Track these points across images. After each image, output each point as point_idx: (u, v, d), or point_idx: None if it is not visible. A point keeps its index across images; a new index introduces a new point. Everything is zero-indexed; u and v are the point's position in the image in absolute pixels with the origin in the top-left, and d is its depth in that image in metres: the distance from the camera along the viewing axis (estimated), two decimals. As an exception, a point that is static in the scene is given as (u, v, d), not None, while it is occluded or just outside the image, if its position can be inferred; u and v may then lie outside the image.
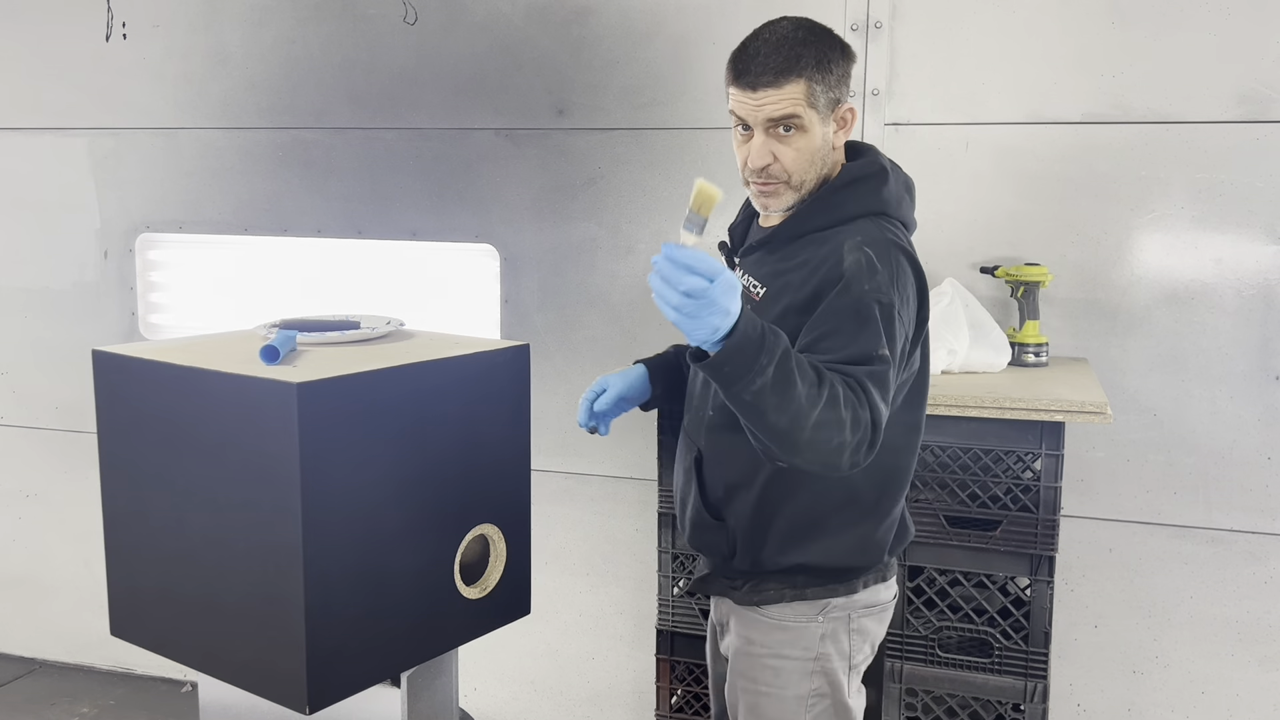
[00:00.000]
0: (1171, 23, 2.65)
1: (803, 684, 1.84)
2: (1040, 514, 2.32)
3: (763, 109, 1.69)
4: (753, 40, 1.73)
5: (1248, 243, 2.66)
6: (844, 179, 1.78)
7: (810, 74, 1.68)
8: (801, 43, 1.69)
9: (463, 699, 3.32)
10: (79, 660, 3.83)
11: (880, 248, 1.69)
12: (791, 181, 1.74)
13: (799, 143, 1.71)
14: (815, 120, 1.71)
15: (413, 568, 1.53)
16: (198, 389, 1.46)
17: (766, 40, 1.71)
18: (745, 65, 1.70)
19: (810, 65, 1.68)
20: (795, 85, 1.68)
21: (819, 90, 1.70)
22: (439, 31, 3.18)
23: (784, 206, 1.78)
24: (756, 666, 1.86)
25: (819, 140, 1.73)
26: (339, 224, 3.35)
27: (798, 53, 1.68)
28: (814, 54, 1.69)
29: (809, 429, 1.49)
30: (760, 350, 1.46)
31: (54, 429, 3.72)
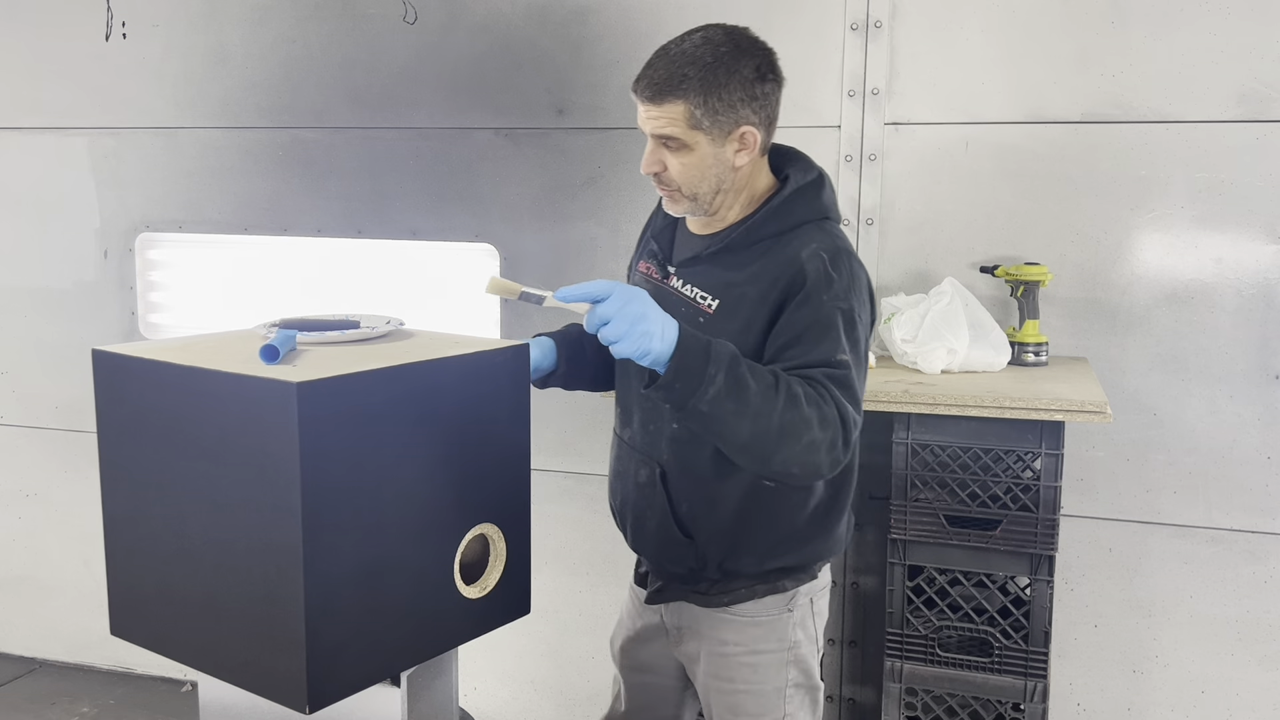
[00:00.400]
0: (1171, 23, 2.65)
1: (780, 675, 1.87)
2: (1040, 513, 2.32)
3: (648, 123, 1.72)
4: (661, 48, 1.73)
5: (1248, 242, 2.66)
6: (791, 187, 1.79)
7: (692, 98, 1.68)
8: (694, 61, 1.68)
9: (463, 699, 3.32)
10: (79, 660, 3.83)
11: (834, 255, 1.71)
12: (684, 191, 1.76)
13: (684, 158, 1.72)
14: (702, 140, 1.71)
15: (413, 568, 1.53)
16: (198, 389, 1.46)
17: (665, 52, 1.72)
18: (639, 74, 1.73)
19: (694, 89, 1.67)
20: (674, 107, 1.69)
21: (700, 115, 1.68)
22: (439, 31, 3.18)
23: (684, 212, 1.80)
24: (732, 666, 1.87)
25: (709, 159, 1.72)
26: (339, 224, 3.35)
27: (684, 73, 1.67)
28: (703, 76, 1.67)
29: (775, 433, 1.52)
30: (707, 359, 1.49)
31: (54, 429, 3.72)
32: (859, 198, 2.89)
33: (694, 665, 1.94)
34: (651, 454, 1.86)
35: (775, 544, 1.83)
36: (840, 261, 1.70)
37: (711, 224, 1.83)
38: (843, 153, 2.89)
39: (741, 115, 1.71)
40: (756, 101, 1.72)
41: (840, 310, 1.66)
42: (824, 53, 2.88)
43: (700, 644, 1.91)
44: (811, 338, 1.64)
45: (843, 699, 3.07)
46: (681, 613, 1.93)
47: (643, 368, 1.56)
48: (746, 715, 1.87)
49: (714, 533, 1.82)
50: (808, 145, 2.90)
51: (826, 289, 1.66)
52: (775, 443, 1.53)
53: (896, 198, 2.87)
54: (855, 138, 2.88)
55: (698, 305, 1.79)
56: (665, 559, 1.88)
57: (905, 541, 2.43)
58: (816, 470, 1.58)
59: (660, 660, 2.02)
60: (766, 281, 1.71)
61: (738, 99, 1.70)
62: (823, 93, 2.90)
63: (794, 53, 2.91)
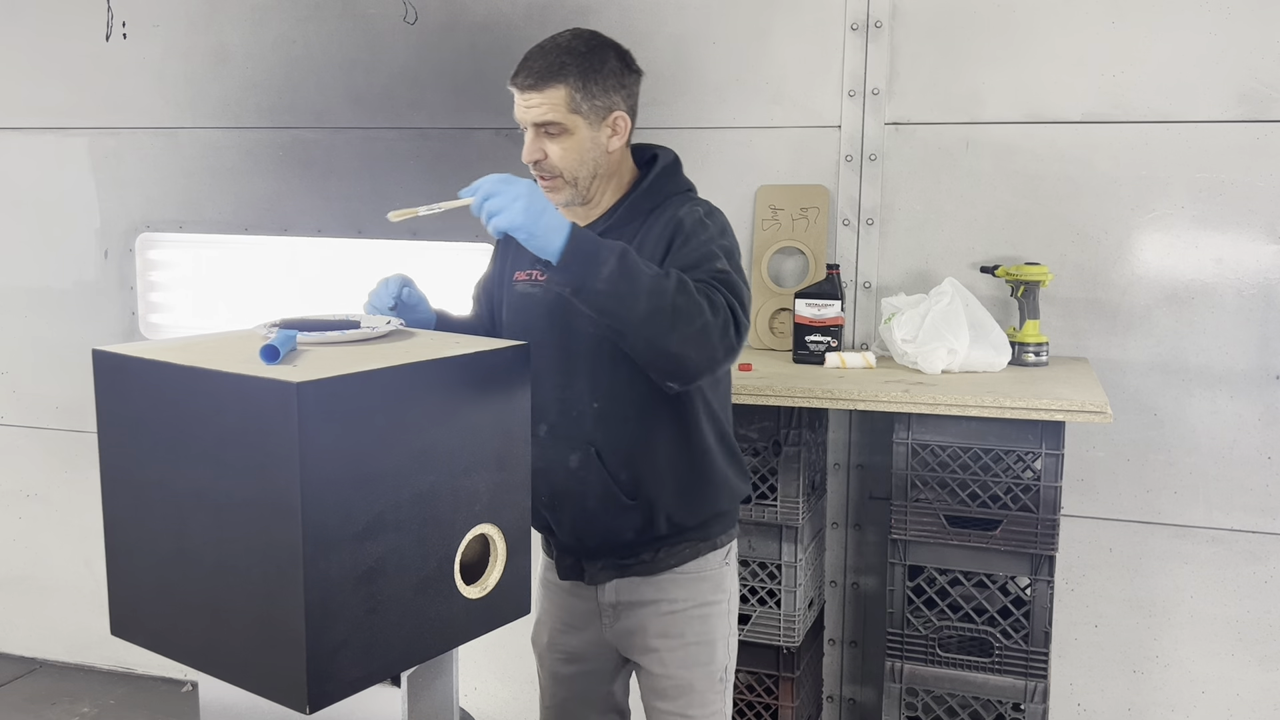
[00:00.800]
0: (1171, 22, 2.65)
1: (724, 624, 2.03)
2: (1040, 513, 2.32)
3: (529, 111, 1.84)
4: (534, 47, 1.88)
5: (1248, 242, 2.66)
6: (655, 173, 1.94)
7: (572, 82, 1.82)
8: (569, 51, 1.84)
9: (463, 699, 3.32)
10: (79, 660, 3.83)
11: (708, 211, 1.88)
12: (565, 177, 1.87)
13: (565, 143, 1.85)
14: (581, 125, 1.84)
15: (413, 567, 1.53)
16: (198, 389, 1.46)
17: (541, 47, 1.86)
18: (516, 69, 1.86)
19: (573, 74, 1.82)
20: (555, 92, 1.82)
21: (580, 98, 1.83)
22: (439, 31, 3.18)
23: (564, 200, 1.90)
24: (682, 621, 1.99)
25: (587, 143, 1.86)
26: (339, 224, 3.35)
27: (562, 61, 1.82)
28: (580, 64, 1.83)
29: (670, 311, 1.62)
30: (598, 246, 1.61)
31: (54, 429, 3.72)
32: (859, 198, 2.89)
33: (633, 637, 2.02)
34: (579, 438, 1.91)
35: (706, 485, 1.94)
36: (714, 215, 1.88)
37: (587, 215, 1.94)
38: (843, 153, 2.89)
39: (614, 101, 1.87)
40: (625, 89, 1.89)
41: (720, 247, 1.80)
42: (824, 53, 2.88)
43: (644, 611, 2.00)
44: (694, 264, 1.77)
45: (843, 699, 3.07)
46: (621, 589, 2.02)
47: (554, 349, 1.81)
48: (699, 665, 2.00)
49: (657, 489, 1.91)
50: (808, 145, 2.92)
51: (703, 231, 1.82)
52: (671, 321, 1.62)
53: (896, 198, 2.87)
54: (855, 138, 2.88)
55: None
56: (611, 532, 1.95)
57: (906, 541, 2.43)
58: (712, 355, 1.68)
59: (591, 647, 2.09)
60: (650, 244, 1.84)
61: (610, 85, 1.86)
62: (823, 93, 2.90)
63: (794, 53, 2.92)
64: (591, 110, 1.84)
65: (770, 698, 2.64)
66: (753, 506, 2.55)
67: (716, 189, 3.00)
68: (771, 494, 2.54)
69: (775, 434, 2.52)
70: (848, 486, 2.97)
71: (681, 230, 1.83)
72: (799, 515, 2.54)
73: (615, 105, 1.87)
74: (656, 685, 2.03)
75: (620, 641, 2.06)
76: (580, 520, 1.96)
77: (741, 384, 2.44)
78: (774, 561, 2.57)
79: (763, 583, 2.59)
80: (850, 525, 2.98)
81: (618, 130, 1.88)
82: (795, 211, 2.93)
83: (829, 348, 2.72)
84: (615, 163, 1.91)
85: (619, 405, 1.87)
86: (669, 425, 1.89)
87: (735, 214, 2.98)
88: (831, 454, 2.95)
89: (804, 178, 2.94)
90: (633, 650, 2.05)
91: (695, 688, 2.01)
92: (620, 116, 1.88)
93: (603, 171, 1.90)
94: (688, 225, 1.83)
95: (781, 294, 2.94)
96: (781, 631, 2.58)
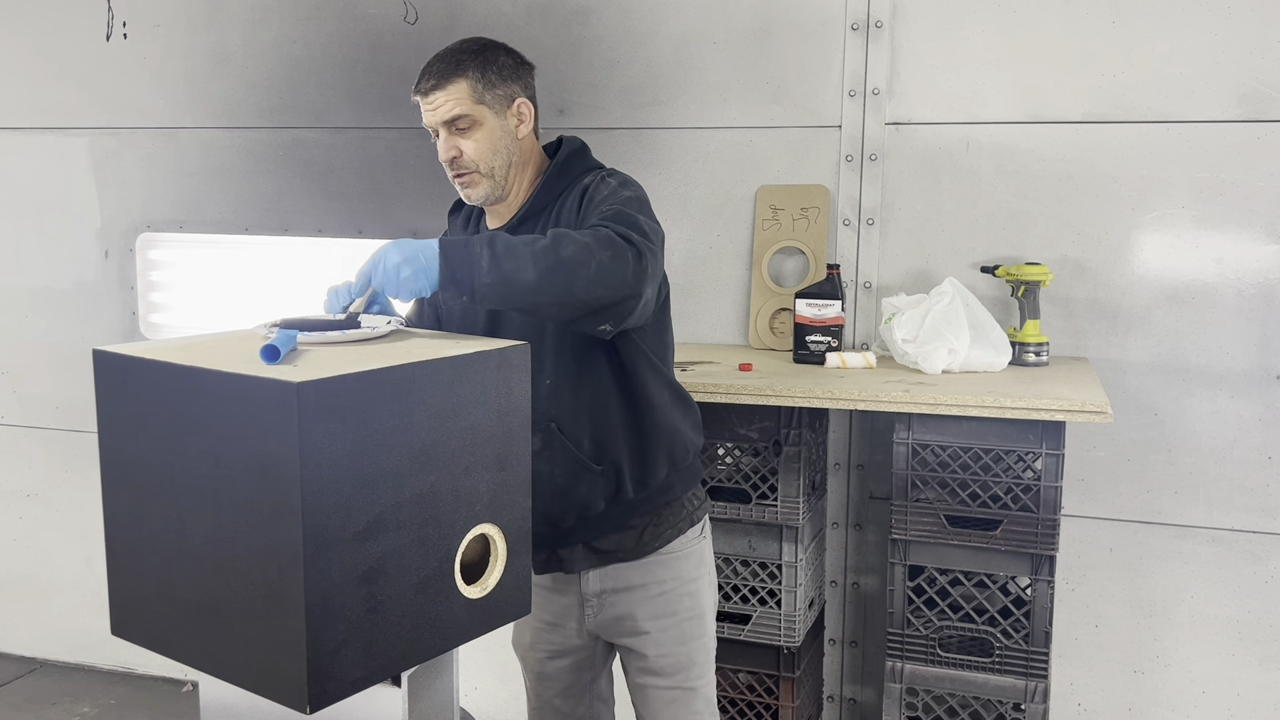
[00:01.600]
0: (1172, 22, 2.65)
1: (709, 596, 2.11)
2: (1041, 513, 2.32)
3: (437, 111, 1.91)
4: (428, 60, 1.95)
5: (1248, 242, 2.65)
6: (563, 154, 2.02)
7: (472, 74, 1.91)
8: (463, 51, 1.93)
9: (463, 699, 3.32)
10: (79, 660, 3.83)
11: (615, 174, 1.97)
12: (481, 169, 1.94)
13: (477, 135, 1.92)
14: (488, 114, 1.93)
15: (413, 567, 1.53)
16: (198, 389, 1.46)
17: (437, 54, 1.94)
18: (418, 77, 1.94)
19: (471, 66, 1.91)
20: (458, 86, 1.90)
21: (482, 88, 1.91)
22: (439, 31, 3.18)
23: (484, 195, 1.97)
24: (673, 599, 2.05)
25: (497, 132, 1.94)
26: (339, 223, 3.35)
27: (459, 59, 1.91)
28: (475, 59, 1.92)
29: (561, 266, 1.64)
30: (468, 244, 1.64)
31: (54, 429, 3.73)
32: (859, 198, 2.89)
33: (622, 623, 2.06)
34: (537, 419, 1.93)
35: (660, 437, 1.98)
36: (618, 175, 1.97)
37: (507, 211, 2.01)
38: (843, 153, 2.89)
39: (514, 90, 1.96)
40: (521, 80, 1.98)
41: (619, 198, 1.86)
42: (825, 53, 2.88)
43: (632, 596, 2.04)
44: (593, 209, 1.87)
45: (843, 699, 3.07)
46: (605, 577, 2.05)
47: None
48: (694, 639, 2.07)
49: (617, 449, 1.96)
50: (808, 145, 2.92)
51: (604, 188, 1.92)
52: (566, 274, 1.65)
53: (897, 198, 2.87)
54: (856, 138, 2.88)
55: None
56: (584, 505, 1.97)
57: (906, 541, 2.43)
58: (625, 282, 1.69)
59: (574, 639, 2.13)
60: (565, 220, 1.93)
61: (507, 75, 1.95)
62: (823, 93, 2.90)
63: (794, 53, 2.92)
64: (495, 100, 1.92)
65: (770, 698, 2.64)
66: (753, 506, 2.55)
67: (716, 189, 3.00)
68: (772, 494, 2.54)
69: (775, 434, 2.52)
70: (848, 486, 2.97)
71: (586, 194, 1.93)
72: (799, 515, 2.54)
73: (516, 94, 1.96)
74: (650, 665, 2.07)
75: (606, 629, 2.09)
76: (552, 500, 1.97)
77: (742, 384, 2.44)
78: (774, 561, 2.57)
79: (763, 583, 2.59)
80: (850, 525, 2.98)
81: (523, 117, 1.97)
82: (795, 211, 2.93)
83: (829, 348, 2.72)
84: (527, 151, 2.00)
85: (568, 376, 1.93)
86: (615, 383, 1.95)
87: (735, 214, 2.98)
88: (832, 454, 2.95)
89: (804, 178, 2.94)
90: (621, 635, 2.08)
91: (694, 660, 2.08)
92: (524, 103, 1.97)
93: (516, 160, 1.97)
94: (591, 189, 1.93)
95: (782, 294, 2.94)
96: (782, 631, 2.58)
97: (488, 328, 1.97)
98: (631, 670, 2.12)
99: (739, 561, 2.60)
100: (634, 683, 2.12)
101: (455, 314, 2.05)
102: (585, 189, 1.95)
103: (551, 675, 2.17)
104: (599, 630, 2.10)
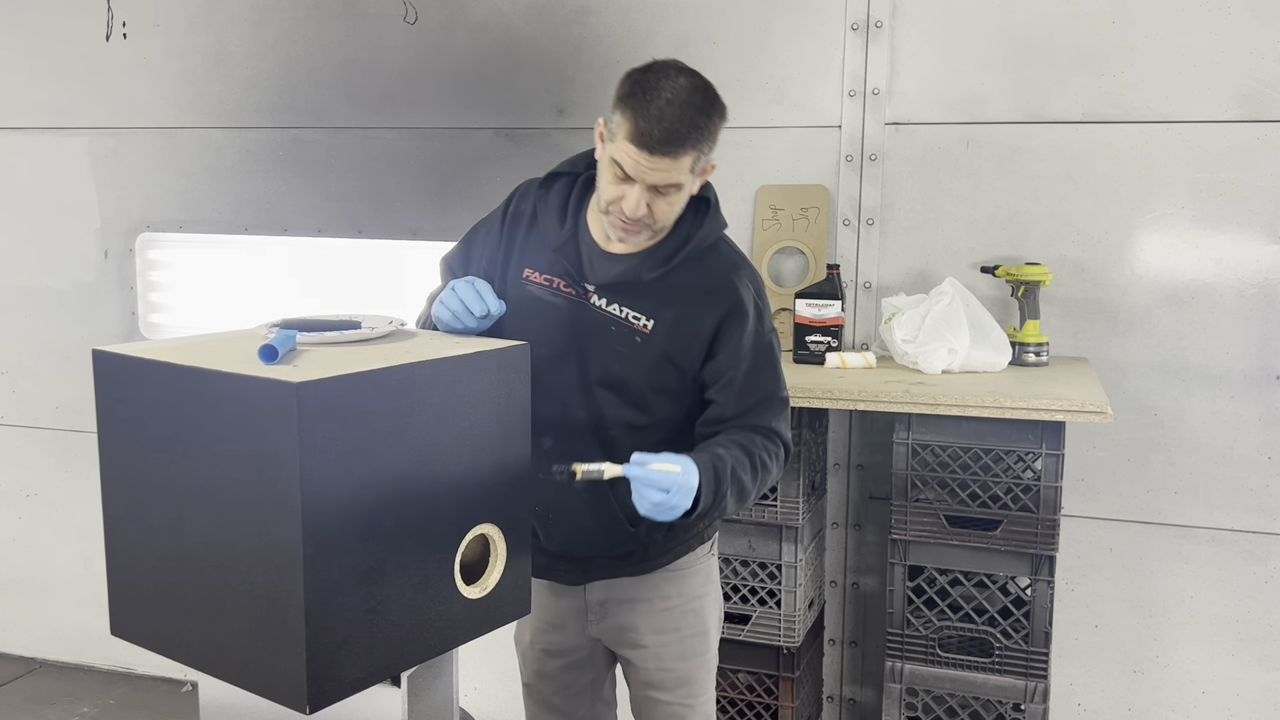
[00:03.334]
0: (1172, 22, 2.65)
1: (715, 613, 2.10)
2: (1041, 514, 2.32)
3: (653, 174, 1.75)
4: (655, 99, 1.73)
5: (1248, 242, 2.65)
6: (714, 201, 1.92)
7: (700, 146, 1.76)
8: (699, 111, 1.74)
9: (463, 699, 3.32)
10: (79, 660, 3.83)
11: (757, 285, 1.92)
12: (655, 227, 1.82)
13: (673, 197, 1.79)
14: (689, 180, 1.80)
15: (413, 567, 1.53)
16: (198, 389, 1.46)
17: (670, 104, 1.72)
18: (648, 130, 1.72)
19: (703, 138, 1.75)
20: (687, 157, 1.75)
21: (698, 160, 1.78)
22: (439, 31, 3.18)
23: (637, 245, 1.86)
24: (677, 616, 2.02)
25: (687, 193, 1.82)
26: (339, 223, 3.35)
27: (696, 122, 1.73)
28: (706, 125, 1.75)
29: (756, 495, 1.86)
30: (718, 487, 1.73)
31: (54, 429, 3.72)
32: (859, 198, 2.89)
33: (623, 634, 2.04)
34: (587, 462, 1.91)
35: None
36: (761, 289, 1.93)
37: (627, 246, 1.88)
38: (843, 153, 2.89)
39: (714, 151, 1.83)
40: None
41: (774, 340, 1.92)
42: (824, 53, 2.88)
43: (635, 609, 2.02)
44: (765, 379, 1.89)
45: (843, 699, 3.07)
46: (609, 587, 2.03)
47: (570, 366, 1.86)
48: (695, 656, 2.04)
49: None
50: (808, 145, 2.92)
51: (759, 321, 1.89)
52: (755, 498, 1.87)
53: (897, 198, 2.87)
54: (856, 138, 2.88)
55: (632, 326, 1.86)
56: (606, 548, 1.97)
57: (906, 542, 2.43)
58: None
59: (575, 640, 2.10)
60: (704, 306, 1.86)
61: (718, 139, 1.80)
62: (823, 93, 2.90)
63: (794, 53, 2.92)
64: (701, 164, 1.80)
65: (770, 698, 2.64)
66: (753, 506, 2.55)
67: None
68: (772, 494, 2.54)
69: (775, 434, 2.52)
70: (848, 486, 2.97)
71: (742, 315, 1.86)
72: (799, 515, 2.54)
73: (712, 153, 1.83)
74: (651, 678, 2.05)
75: (607, 636, 2.07)
76: (575, 536, 1.96)
77: (741, 384, 2.43)
78: (774, 561, 2.57)
79: (763, 583, 2.59)
80: (850, 525, 2.98)
81: (706, 173, 1.86)
82: (795, 211, 2.93)
83: (829, 348, 2.72)
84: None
85: (632, 437, 1.86)
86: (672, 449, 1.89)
87: (735, 214, 2.98)
88: (831, 454, 2.95)
89: (804, 178, 2.94)
90: (622, 645, 2.06)
91: (694, 678, 2.05)
92: (713, 164, 1.85)
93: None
94: (750, 312, 1.87)
95: (782, 294, 2.94)
96: (781, 631, 2.58)
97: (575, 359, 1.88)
98: (632, 682, 2.11)
99: (739, 561, 2.60)
100: (634, 694, 2.11)
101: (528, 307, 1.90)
102: (741, 305, 1.86)
103: (550, 674, 2.15)
104: (601, 636, 2.08)
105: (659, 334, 1.84)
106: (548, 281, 1.90)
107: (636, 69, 1.80)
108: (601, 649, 2.13)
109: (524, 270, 1.93)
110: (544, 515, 1.96)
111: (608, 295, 1.87)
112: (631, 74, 1.80)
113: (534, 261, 1.92)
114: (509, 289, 1.93)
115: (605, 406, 1.87)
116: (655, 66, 1.78)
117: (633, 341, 1.84)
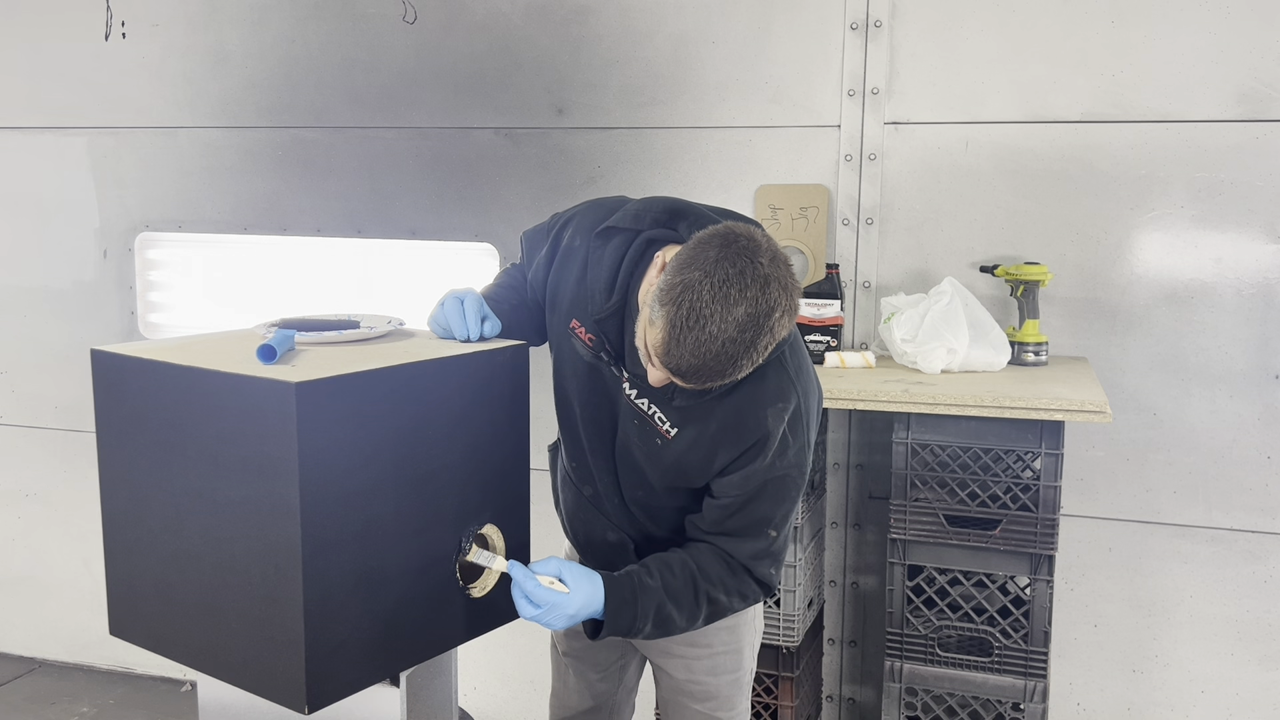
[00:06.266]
0: (1171, 22, 2.65)
1: (750, 630, 2.03)
2: (1040, 513, 2.32)
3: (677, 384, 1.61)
4: (695, 327, 1.48)
5: (1248, 242, 2.65)
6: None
7: (743, 371, 1.56)
8: (747, 349, 1.51)
9: (463, 699, 3.32)
10: (79, 660, 3.83)
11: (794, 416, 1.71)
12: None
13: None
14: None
15: (413, 568, 1.53)
16: (197, 389, 1.46)
17: (713, 339, 1.48)
18: (679, 358, 1.51)
19: (745, 368, 1.55)
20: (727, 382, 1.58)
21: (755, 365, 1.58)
22: (439, 31, 3.18)
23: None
24: (710, 633, 1.96)
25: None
26: (338, 223, 3.35)
27: (738, 364, 1.52)
28: (751, 361, 1.54)
29: (702, 624, 1.79)
30: (634, 620, 1.69)
31: (54, 429, 3.72)
32: (859, 198, 2.89)
33: (655, 643, 2.01)
34: (620, 524, 1.92)
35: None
36: (799, 415, 1.71)
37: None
38: (843, 152, 2.89)
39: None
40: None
41: (789, 473, 1.74)
42: (824, 53, 2.88)
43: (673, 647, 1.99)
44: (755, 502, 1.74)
45: (843, 699, 3.07)
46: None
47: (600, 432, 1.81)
48: (726, 673, 2.00)
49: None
50: (808, 145, 2.92)
51: (780, 455, 1.71)
52: (703, 627, 1.81)
53: (896, 198, 2.87)
54: (855, 137, 2.88)
55: (656, 427, 1.75)
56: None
57: (905, 541, 2.43)
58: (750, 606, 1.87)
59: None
60: (728, 436, 1.70)
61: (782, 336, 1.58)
62: (823, 93, 2.90)
63: (794, 53, 2.92)
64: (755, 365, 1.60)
65: (770, 697, 2.64)
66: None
67: (717, 189, 3.00)
68: (771, 494, 2.54)
69: (775, 434, 2.52)
70: (847, 486, 2.97)
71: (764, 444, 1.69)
72: (798, 515, 2.54)
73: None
74: (679, 686, 2.03)
75: (639, 641, 2.04)
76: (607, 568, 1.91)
77: (741, 384, 2.43)
78: (773, 561, 2.57)
79: (762, 582, 2.59)
80: (850, 525, 2.98)
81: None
82: (795, 211, 2.93)
83: (828, 347, 2.72)
84: None
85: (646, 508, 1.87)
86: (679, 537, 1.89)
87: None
88: (831, 454, 2.95)
89: (803, 177, 2.94)
90: (652, 652, 2.04)
91: (722, 693, 2.01)
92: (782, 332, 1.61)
93: None
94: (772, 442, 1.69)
95: (781, 294, 2.93)
96: (781, 631, 2.58)
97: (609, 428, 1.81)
98: (662, 685, 2.07)
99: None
100: (664, 696, 2.08)
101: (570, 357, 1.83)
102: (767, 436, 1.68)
103: (579, 652, 2.14)
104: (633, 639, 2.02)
105: (679, 444, 1.75)
106: (592, 343, 1.78)
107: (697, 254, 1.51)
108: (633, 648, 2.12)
109: (571, 320, 1.80)
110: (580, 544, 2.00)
111: (639, 388, 1.76)
112: (687, 261, 1.50)
113: (581, 315, 1.79)
114: (556, 330, 1.84)
115: (624, 477, 1.85)
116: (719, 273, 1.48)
117: (653, 441, 1.76)
